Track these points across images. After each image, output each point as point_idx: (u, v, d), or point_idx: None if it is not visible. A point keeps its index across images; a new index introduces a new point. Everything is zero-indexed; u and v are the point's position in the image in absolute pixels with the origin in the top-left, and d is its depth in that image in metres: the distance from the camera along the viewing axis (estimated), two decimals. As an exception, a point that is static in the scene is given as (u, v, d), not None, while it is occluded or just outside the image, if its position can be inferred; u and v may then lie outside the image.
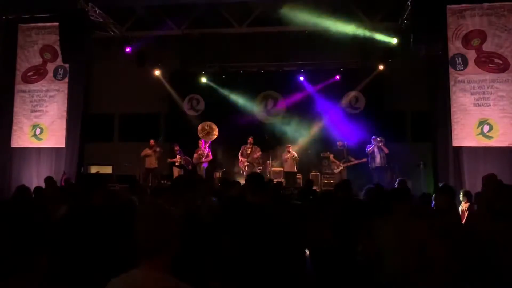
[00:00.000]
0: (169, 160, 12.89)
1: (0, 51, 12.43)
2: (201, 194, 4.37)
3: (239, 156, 12.57)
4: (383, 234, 3.44)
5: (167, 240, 1.69)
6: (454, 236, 3.44)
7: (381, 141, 11.64)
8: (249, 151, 12.43)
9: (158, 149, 12.58)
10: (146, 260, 1.66)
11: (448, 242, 3.34)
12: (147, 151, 12.58)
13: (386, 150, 11.58)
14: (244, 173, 12.14)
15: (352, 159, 12.19)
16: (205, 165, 12.56)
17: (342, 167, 12.11)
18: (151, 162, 12.49)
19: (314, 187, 9.69)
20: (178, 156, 12.65)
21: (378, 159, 11.59)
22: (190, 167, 12.58)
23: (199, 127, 12.88)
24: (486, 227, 3.40)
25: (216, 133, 12.82)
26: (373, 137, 11.79)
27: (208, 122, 12.96)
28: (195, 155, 12.53)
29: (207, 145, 12.67)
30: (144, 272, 1.64)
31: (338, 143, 12.38)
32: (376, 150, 11.63)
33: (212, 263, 2.56)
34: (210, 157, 12.64)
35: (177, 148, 12.75)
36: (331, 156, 12.37)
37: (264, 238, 2.87)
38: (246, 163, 12.30)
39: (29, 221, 1.45)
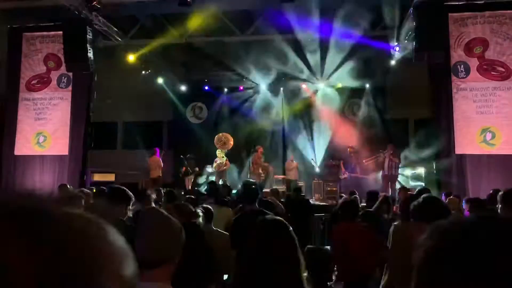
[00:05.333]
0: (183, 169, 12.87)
1: (5, 59, 12.50)
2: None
3: (252, 163, 12.53)
4: None
5: (171, 250, 1.65)
6: None
7: (389, 150, 11.57)
8: (260, 160, 12.50)
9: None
10: (148, 271, 1.61)
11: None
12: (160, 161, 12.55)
13: (396, 160, 11.50)
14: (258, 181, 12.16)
15: (357, 172, 12.15)
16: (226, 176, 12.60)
17: (346, 175, 12.10)
18: (157, 172, 12.46)
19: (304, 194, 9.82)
20: (184, 167, 12.72)
21: (385, 168, 11.55)
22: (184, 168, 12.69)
23: (216, 138, 13.04)
24: None
25: (231, 143, 12.98)
26: (380, 150, 11.72)
27: (224, 133, 13.11)
28: (215, 164, 12.57)
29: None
30: (144, 284, 1.60)
31: (348, 149, 12.34)
32: (386, 159, 11.58)
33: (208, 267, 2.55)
34: (228, 165, 12.67)
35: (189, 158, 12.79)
36: (342, 162, 12.34)
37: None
38: (260, 171, 12.34)
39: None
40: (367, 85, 13.46)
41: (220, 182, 12.25)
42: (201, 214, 3.87)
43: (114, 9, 11.22)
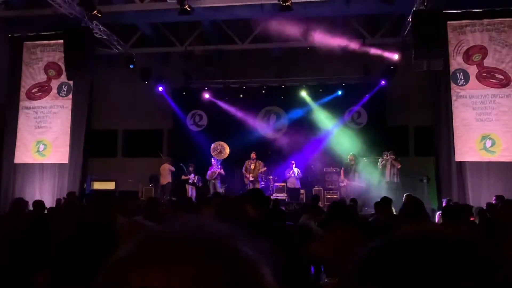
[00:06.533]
0: (183, 177, 12.89)
1: (6, 68, 12.55)
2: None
3: (243, 172, 12.58)
4: None
5: None
6: None
7: (391, 156, 11.54)
8: (252, 167, 12.45)
9: None
10: None
11: None
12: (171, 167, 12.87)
13: (397, 165, 11.49)
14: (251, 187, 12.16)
15: (356, 180, 12.07)
16: (219, 183, 12.59)
17: (345, 182, 12.07)
18: (168, 178, 12.62)
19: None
20: (193, 175, 12.75)
21: (387, 175, 11.52)
22: (200, 184, 12.75)
23: (212, 147, 13.08)
24: None
25: (227, 151, 13.00)
26: (384, 152, 11.76)
27: (220, 142, 13.14)
28: (209, 172, 12.59)
29: (219, 162, 12.75)
30: None
31: (349, 157, 12.29)
32: (387, 165, 11.56)
33: None
34: (223, 173, 12.70)
35: (191, 168, 12.81)
36: (342, 169, 12.32)
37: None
38: (250, 179, 12.31)
39: (29, 236, 1.45)
40: (367, 92, 13.46)
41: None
42: None
43: (114, 18, 11.28)
